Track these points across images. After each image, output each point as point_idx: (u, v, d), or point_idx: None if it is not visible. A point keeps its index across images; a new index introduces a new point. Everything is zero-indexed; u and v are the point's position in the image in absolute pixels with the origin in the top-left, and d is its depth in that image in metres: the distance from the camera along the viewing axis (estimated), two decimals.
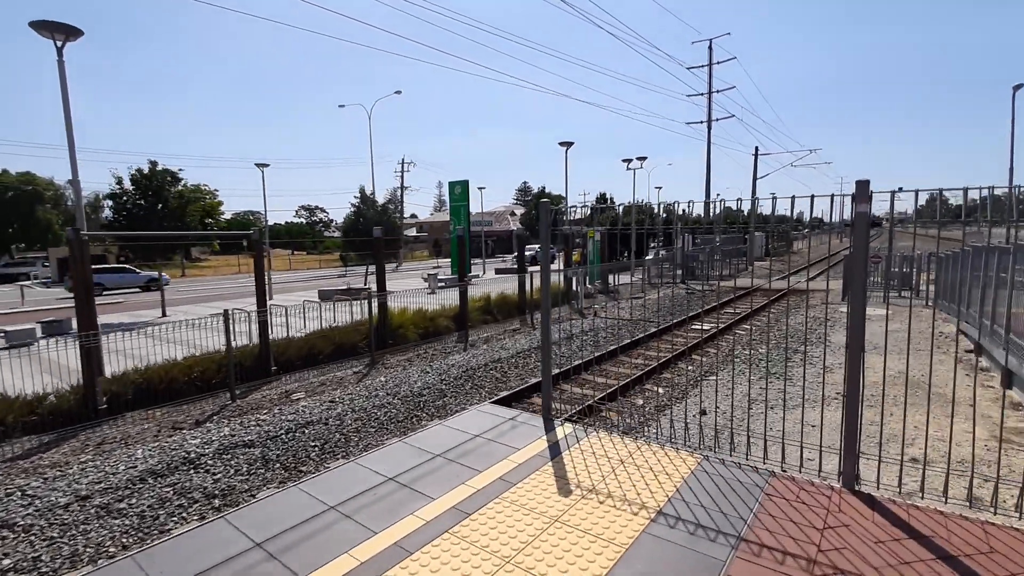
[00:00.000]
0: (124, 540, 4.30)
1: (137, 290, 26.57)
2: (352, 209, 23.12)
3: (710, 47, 32.70)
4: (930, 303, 13.56)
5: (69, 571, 3.91)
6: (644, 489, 3.29)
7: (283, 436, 6.30)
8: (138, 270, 28.74)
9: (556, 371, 7.99)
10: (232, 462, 5.65)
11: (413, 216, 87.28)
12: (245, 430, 6.52)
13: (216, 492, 5.06)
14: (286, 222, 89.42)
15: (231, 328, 7.95)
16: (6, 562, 3.98)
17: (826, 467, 3.56)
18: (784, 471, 3.50)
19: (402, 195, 48.61)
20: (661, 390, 7.81)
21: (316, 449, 6.02)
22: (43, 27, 7.95)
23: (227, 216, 63.15)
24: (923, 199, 3.08)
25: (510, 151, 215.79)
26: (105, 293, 24.72)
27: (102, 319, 16.88)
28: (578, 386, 8.00)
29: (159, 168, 17.10)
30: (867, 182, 2.91)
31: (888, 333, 4.05)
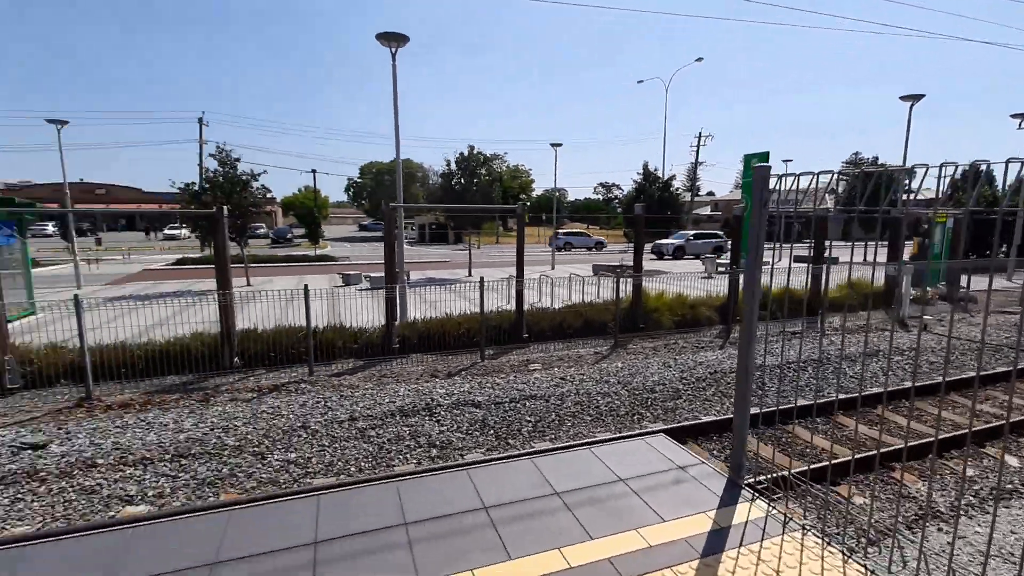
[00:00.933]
0: (362, 464, 5.16)
1: (586, 250, 35.78)
2: (634, 186, 22.89)
3: None
4: None
5: (323, 476, 4.90)
6: None
7: (506, 404, 6.59)
8: (589, 235, 39.50)
9: (785, 405, 6.13)
10: (459, 418, 6.20)
11: (710, 194, 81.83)
12: (481, 390, 7.10)
13: (437, 443, 5.61)
14: (585, 198, 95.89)
15: (484, 296, 8.77)
16: (308, 453, 5.24)
17: None
18: None
19: (695, 170, 45.78)
20: (1017, 463, 5.13)
21: (529, 425, 6.08)
22: (383, 37, 10.05)
23: (538, 192, 71.75)
24: None
25: (839, 114, 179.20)
26: (572, 251, 35.68)
27: (430, 273, 21.43)
28: (867, 424, 5.95)
29: (475, 151, 20.75)
30: None
31: None
